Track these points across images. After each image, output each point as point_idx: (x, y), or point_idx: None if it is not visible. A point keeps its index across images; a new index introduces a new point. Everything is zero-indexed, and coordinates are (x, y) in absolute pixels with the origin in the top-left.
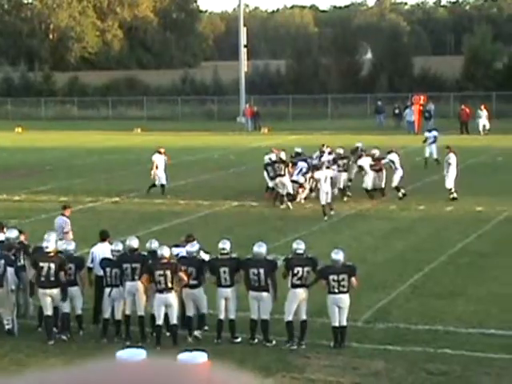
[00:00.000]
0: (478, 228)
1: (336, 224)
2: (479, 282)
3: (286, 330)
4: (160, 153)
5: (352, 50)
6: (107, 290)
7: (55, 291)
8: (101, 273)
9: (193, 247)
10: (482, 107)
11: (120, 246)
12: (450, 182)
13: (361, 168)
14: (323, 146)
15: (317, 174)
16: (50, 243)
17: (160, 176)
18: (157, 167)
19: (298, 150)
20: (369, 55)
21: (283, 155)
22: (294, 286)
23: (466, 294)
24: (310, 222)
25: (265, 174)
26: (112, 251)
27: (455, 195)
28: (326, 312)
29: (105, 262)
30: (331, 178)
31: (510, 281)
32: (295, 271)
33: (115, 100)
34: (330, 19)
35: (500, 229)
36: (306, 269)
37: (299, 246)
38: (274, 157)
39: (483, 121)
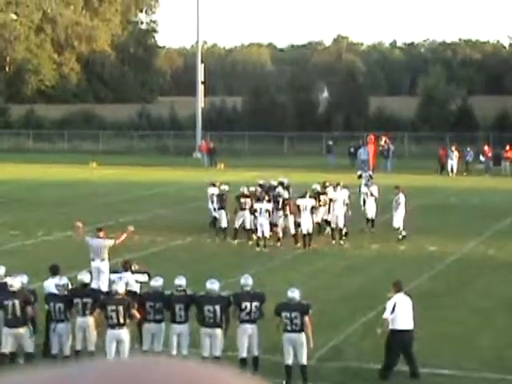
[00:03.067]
0: (431, 268)
1: (290, 261)
2: (431, 321)
3: (238, 367)
4: (214, 185)
5: (308, 89)
6: (52, 325)
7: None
8: None
9: (157, 282)
10: (454, 149)
11: (65, 280)
12: (398, 221)
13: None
14: (324, 183)
15: (255, 205)
16: None
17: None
18: (212, 201)
19: (317, 186)
20: (325, 94)
21: (246, 190)
22: (243, 321)
23: (418, 334)
24: (264, 259)
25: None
26: (56, 286)
27: (404, 233)
28: (280, 349)
29: (49, 297)
30: (268, 211)
31: (460, 321)
32: (243, 306)
33: (71, 133)
34: (287, 57)
35: (452, 269)
36: (253, 304)
37: (247, 282)
38: (215, 191)
39: (453, 162)
